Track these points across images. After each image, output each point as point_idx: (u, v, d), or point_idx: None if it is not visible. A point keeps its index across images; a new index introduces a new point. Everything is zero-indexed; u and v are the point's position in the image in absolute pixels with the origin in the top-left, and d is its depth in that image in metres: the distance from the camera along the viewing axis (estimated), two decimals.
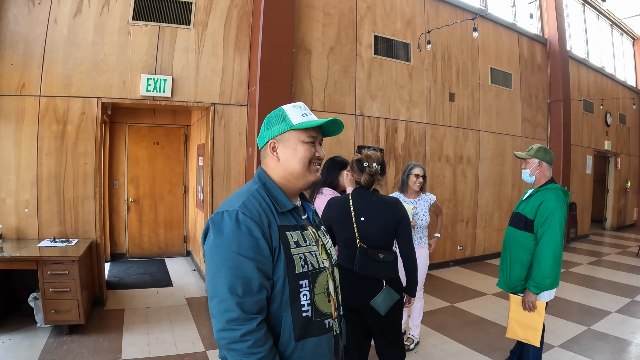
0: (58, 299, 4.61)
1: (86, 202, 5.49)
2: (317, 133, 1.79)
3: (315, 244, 1.77)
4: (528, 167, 3.79)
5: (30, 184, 5.28)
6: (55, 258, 4.60)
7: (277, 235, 1.66)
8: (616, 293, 6.91)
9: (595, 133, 12.78)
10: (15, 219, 5.25)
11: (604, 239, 12.63)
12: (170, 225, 8.66)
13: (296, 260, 1.67)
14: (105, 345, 4.57)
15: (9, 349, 4.30)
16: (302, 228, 1.75)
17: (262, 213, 1.66)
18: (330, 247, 1.91)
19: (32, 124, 5.26)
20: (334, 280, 1.85)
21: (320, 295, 1.72)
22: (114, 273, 7.26)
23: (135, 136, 8.24)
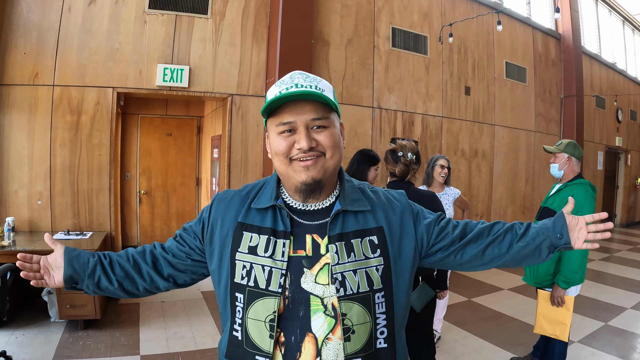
0: (73, 293, 4.49)
1: (101, 194, 5.44)
2: (294, 115, 1.34)
3: (283, 260, 1.35)
4: (557, 162, 3.74)
5: (43, 176, 5.23)
6: None
7: (228, 230, 1.43)
8: (629, 289, 6.91)
9: (607, 129, 12.74)
10: (28, 211, 5.20)
11: (614, 235, 12.57)
12: (183, 218, 8.63)
13: (237, 267, 1.38)
14: (123, 341, 4.52)
15: (23, 344, 4.26)
16: (278, 235, 1.38)
17: (232, 201, 1.48)
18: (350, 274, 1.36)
19: (45, 115, 5.21)
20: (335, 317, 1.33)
21: (256, 323, 1.35)
22: None
23: (147, 127, 8.21)
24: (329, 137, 1.36)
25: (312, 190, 1.38)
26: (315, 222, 1.41)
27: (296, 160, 1.34)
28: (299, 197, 1.42)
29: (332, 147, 1.36)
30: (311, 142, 1.33)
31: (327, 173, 1.37)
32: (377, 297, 1.37)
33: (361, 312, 1.34)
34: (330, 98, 1.34)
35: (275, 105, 1.34)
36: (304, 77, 1.37)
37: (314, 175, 1.34)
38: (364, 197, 1.47)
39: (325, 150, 1.35)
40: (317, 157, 1.34)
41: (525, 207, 9.67)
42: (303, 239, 1.39)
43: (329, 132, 1.36)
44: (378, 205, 1.47)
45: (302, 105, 1.33)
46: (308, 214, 1.42)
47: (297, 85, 1.33)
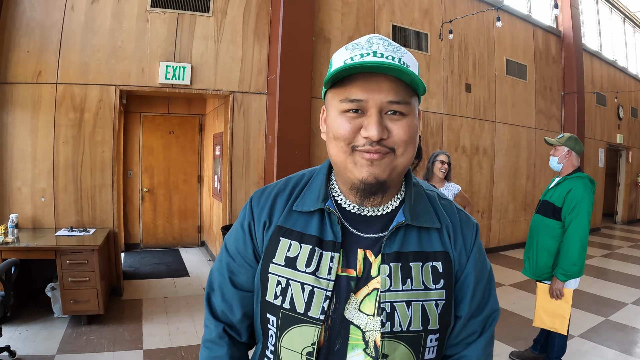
0: (77, 288, 4.59)
1: (104, 191, 5.48)
2: (367, 92, 1.00)
3: (330, 279, 1.07)
4: (557, 155, 3.78)
5: (46, 173, 5.27)
6: (74, 247, 4.58)
7: (268, 236, 1.16)
8: (631, 285, 6.95)
9: (608, 126, 12.77)
10: (32, 208, 5.24)
11: (615, 232, 12.66)
12: (185, 215, 8.68)
13: (270, 282, 1.12)
14: (126, 336, 4.56)
15: (27, 339, 4.30)
16: (325, 246, 1.09)
17: (276, 201, 1.19)
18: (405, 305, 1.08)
19: (48, 112, 5.24)
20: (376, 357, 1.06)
21: (292, 355, 1.10)
22: (129, 263, 7.28)
23: (149, 125, 8.25)
24: (406, 129, 1.03)
25: (372, 192, 1.07)
26: (371, 234, 1.12)
27: (360, 151, 1.03)
28: (354, 198, 1.11)
29: (407, 143, 1.04)
30: (383, 132, 1.01)
31: (394, 173, 1.06)
32: (430, 340, 1.09)
33: (406, 356, 1.07)
34: (418, 76, 1.01)
35: (343, 75, 1.03)
36: (385, 43, 1.04)
37: (377, 174, 1.03)
38: (433, 209, 1.18)
39: (396, 145, 1.03)
40: (384, 153, 1.02)
41: (527, 203, 9.72)
42: (354, 255, 1.10)
43: (407, 122, 1.04)
44: (445, 222, 1.17)
45: (379, 81, 1.01)
46: (363, 222, 1.13)
47: (376, 54, 1.01)
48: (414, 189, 1.17)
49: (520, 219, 9.56)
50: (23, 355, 3.95)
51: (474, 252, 1.17)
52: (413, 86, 1.02)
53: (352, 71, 1.00)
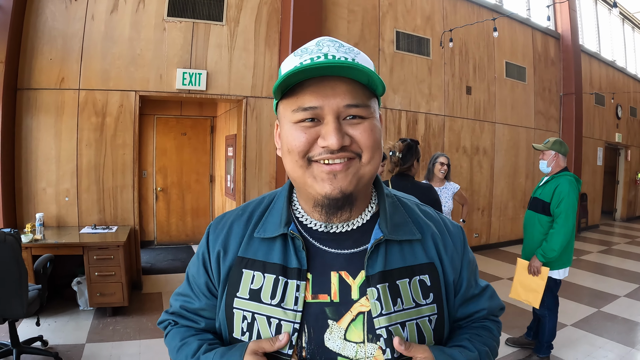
0: (103, 282, 4.87)
1: (125, 190, 5.76)
2: (321, 98, 0.91)
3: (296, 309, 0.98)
4: (545, 159, 4.12)
5: (70, 174, 5.52)
6: (101, 244, 4.85)
7: (225, 267, 1.07)
8: (625, 279, 7.15)
9: (607, 126, 12.94)
10: (56, 208, 5.49)
11: (614, 229, 12.81)
12: (197, 214, 8.97)
13: (236, 318, 1.03)
14: (149, 326, 4.84)
15: (57, 330, 4.55)
16: (289, 274, 1.00)
17: (231, 229, 1.11)
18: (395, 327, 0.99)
19: (71, 117, 5.50)
20: None
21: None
22: (145, 259, 7.54)
23: (163, 128, 8.53)
24: (369, 133, 0.94)
25: (339, 207, 0.98)
26: (342, 250, 1.02)
27: (318, 163, 0.94)
28: (320, 216, 1.02)
29: (372, 148, 0.95)
30: (344, 139, 0.91)
31: (361, 183, 0.97)
32: None
33: None
34: (375, 74, 0.92)
35: (293, 81, 0.92)
36: (336, 45, 0.95)
37: (343, 187, 0.94)
38: (413, 218, 1.10)
39: (361, 150, 0.94)
40: (348, 160, 0.94)
41: (526, 201, 9.82)
42: (327, 278, 1.01)
43: (368, 125, 0.95)
44: (428, 231, 1.10)
45: (334, 85, 0.91)
46: (333, 239, 1.03)
47: (327, 56, 0.91)
48: (387, 200, 1.08)
49: (519, 216, 9.77)
50: (54, 344, 4.21)
51: (466, 255, 1.14)
52: (371, 87, 0.95)
53: (302, 76, 0.90)
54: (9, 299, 3.48)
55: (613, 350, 4.47)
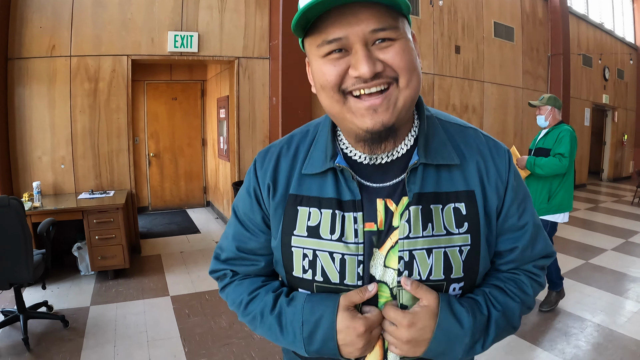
0: (104, 245, 4.94)
1: (120, 155, 5.80)
2: (344, 28, 0.86)
3: (358, 242, 0.98)
4: (543, 114, 4.32)
5: (65, 141, 5.52)
6: (100, 207, 4.89)
7: (278, 205, 1.06)
8: (612, 234, 7.35)
9: (594, 87, 13.04)
10: (52, 175, 5.51)
11: (601, 188, 13.01)
12: (191, 177, 9.06)
13: (295, 256, 1.02)
14: (152, 286, 4.97)
15: (60, 295, 4.64)
16: (345, 207, 0.99)
17: (279, 164, 1.08)
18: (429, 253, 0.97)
19: (64, 84, 5.48)
20: None
21: None
22: (141, 224, 7.59)
23: (153, 93, 8.53)
24: (401, 54, 0.89)
25: (382, 139, 0.94)
26: (387, 182, 1.01)
27: (355, 97, 0.90)
28: (363, 148, 0.99)
29: (407, 69, 0.89)
30: (375, 66, 0.87)
31: (403, 111, 0.92)
32: (453, 289, 1.00)
33: None
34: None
35: (312, 15, 0.87)
36: None
37: (384, 121, 0.90)
38: (453, 142, 1.04)
39: (397, 74, 0.89)
40: (386, 90, 0.89)
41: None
42: (373, 207, 1.00)
43: (399, 46, 0.89)
44: (471, 157, 1.03)
45: (356, 12, 0.86)
46: (378, 170, 1.02)
47: None
48: (427, 121, 1.03)
49: None
50: (59, 309, 4.30)
51: (510, 182, 1.05)
52: (396, 8, 0.88)
53: (321, 8, 0.85)
54: (15, 264, 3.53)
55: (602, 298, 4.66)
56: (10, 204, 3.43)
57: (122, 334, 3.91)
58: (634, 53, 14.94)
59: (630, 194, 11.59)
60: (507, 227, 1.05)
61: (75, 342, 3.69)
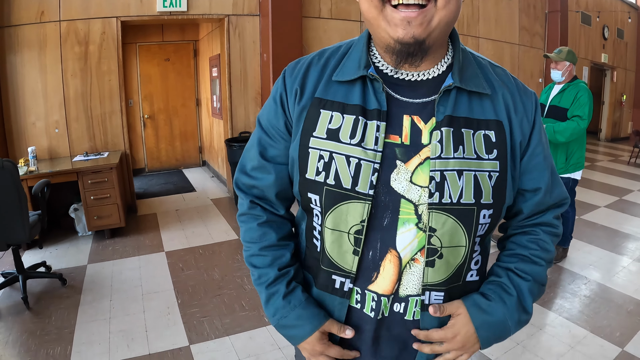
0: (99, 205, 5.01)
1: (113, 116, 5.81)
2: None
3: (377, 149, 0.99)
4: (560, 69, 4.25)
5: (58, 106, 5.52)
6: (94, 168, 4.94)
7: (303, 108, 1.06)
8: (606, 192, 7.41)
9: (592, 45, 12.90)
10: (47, 140, 5.53)
11: (599, 148, 12.99)
12: (186, 138, 9.10)
13: (311, 157, 1.03)
14: (147, 243, 5.08)
15: (59, 256, 4.72)
16: (369, 115, 1.00)
17: (309, 71, 1.09)
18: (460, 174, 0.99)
19: (54, 49, 5.44)
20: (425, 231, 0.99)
21: (337, 235, 1.03)
22: (138, 185, 7.66)
23: (145, 55, 8.46)
24: None
25: (410, 53, 0.95)
26: (417, 99, 1.02)
27: (391, 5, 0.92)
28: (390, 59, 1.01)
29: None
30: None
31: (436, 31, 0.93)
32: (483, 216, 1.01)
33: (456, 231, 0.99)
34: None
35: None
36: None
37: (416, 34, 0.91)
38: (484, 75, 1.07)
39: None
40: (423, 7, 0.90)
41: None
42: (399, 121, 1.01)
43: None
44: (500, 89, 1.06)
45: None
46: (409, 87, 1.03)
47: None
48: (461, 53, 1.05)
49: None
50: (57, 269, 4.38)
51: (537, 124, 1.09)
52: None
53: None
54: (11, 225, 3.58)
55: (592, 253, 4.77)
56: (3, 166, 3.46)
57: (117, 288, 4.01)
58: (633, 12, 14.74)
59: (628, 154, 11.58)
60: (532, 165, 1.08)
61: (73, 299, 3.79)
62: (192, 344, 3.21)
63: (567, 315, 3.54)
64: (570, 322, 3.45)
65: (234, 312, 3.64)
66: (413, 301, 1.04)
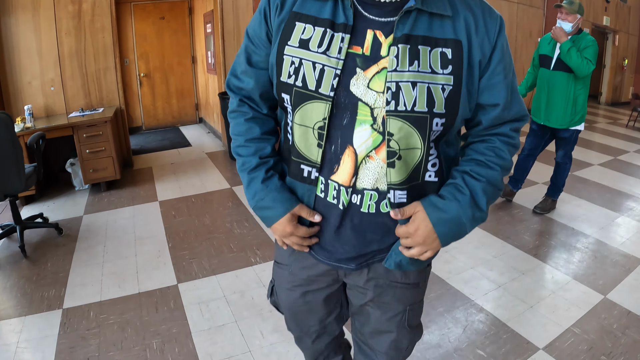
0: (95, 158, 5.10)
1: (108, 73, 5.83)
2: None
3: (339, 57, 1.12)
4: (571, 20, 4.18)
5: (53, 64, 5.54)
6: (89, 121, 5.02)
7: (281, 20, 1.20)
8: (602, 152, 7.43)
9: (594, 7, 12.67)
10: (43, 99, 5.56)
11: (598, 111, 12.93)
12: (182, 95, 9.12)
13: (285, 63, 1.18)
14: (142, 194, 5.18)
15: (56, 209, 4.82)
16: (337, 28, 1.13)
17: None
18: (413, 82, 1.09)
19: (48, 8, 5.42)
20: (383, 134, 1.13)
21: (303, 130, 1.19)
22: (134, 143, 7.70)
23: (141, 14, 8.39)
24: None
25: None
26: (382, 17, 1.13)
27: None
28: None
29: None
30: None
31: None
32: (436, 124, 1.12)
33: (411, 136, 1.11)
34: None
35: None
36: None
37: None
38: None
39: None
40: None
41: None
42: (363, 35, 1.13)
43: None
44: (462, 11, 1.14)
45: None
46: (375, 7, 1.14)
47: None
48: None
49: None
50: (54, 220, 4.47)
51: (499, 45, 1.17)
52: None
53: None
54: (7, 175, 3.64)
55: (581, 206, 4.84)
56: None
57: (111, 235, 4.12)
58: None
59: (627, 117, 11.52)
60: (492, 83, 1.17)
61: (68, 247, 3.90)
62: (180, 283, 3.31)
63: (551, 263, 3.62)
64: (554, 269, 3.52)
65: (222, 253, 3.75)
66: (368, 194, 1.19)
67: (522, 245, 3.93)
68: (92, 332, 2.72)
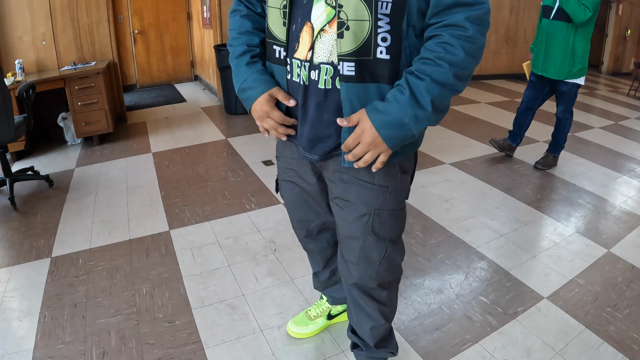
0: (87, 111, 4.96)
1: (100, 25, 5.67)
2: None
3: None
4: None
5: (44, 18, 5.36)
6: (81, 73, 4.88)
7: None
8: (602, 116, 7.38)
9: None
10: (34, 53, 5.39)
11: (599, 80, 12.83)
12: (177, 52, 8.92)
13: None
14: (135, 146, 5.08)
15: (47, 164, 4.71)
16: None
17: None
18: None
19: None
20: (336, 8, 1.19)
21: (273, 11, 1.33)
22: (128, 100, 7.54)
23: None
24: None
25: None
26: None
27: None
28: None
29: None
30: None
31: None
32: (380, 27, 1.18)
33: (359, 7, 1.16)
34: None
35: None
36: None
37: None
38: None
39: None
40: None
41: (509, 36, 10.00)
42: None
43: None
44: None
45: None
46: None
47: None
48: None
49: (501, 50, 9.90)
50: (46, 174, 4.33)
51: None
52: None
53: None
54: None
55: (582, 165, 4.79)
56: None
57: (103, 186, 4.04)
58: None
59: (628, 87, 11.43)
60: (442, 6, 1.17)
61: (59, 198, 3.82)
62: (172, 229, 3.25)
63: (553, 216, 3.56)
64: (556, 222, 3.47)
65: (215, 200, 3.69)
66: (324, 69, 1.26)
67: (523, 197, 3.87)
68: (81, 279, 2.67)
